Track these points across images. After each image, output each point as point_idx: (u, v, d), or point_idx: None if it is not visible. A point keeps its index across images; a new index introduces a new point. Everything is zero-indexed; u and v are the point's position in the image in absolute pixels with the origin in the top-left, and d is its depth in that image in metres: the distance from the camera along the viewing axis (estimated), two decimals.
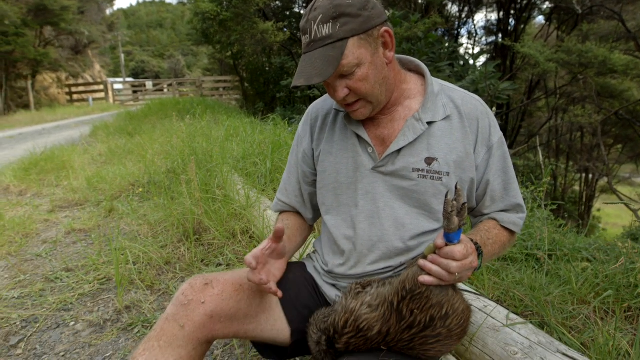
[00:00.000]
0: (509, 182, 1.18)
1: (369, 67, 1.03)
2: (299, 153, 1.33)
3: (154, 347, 0.99)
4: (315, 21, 1.00)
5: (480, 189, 1.19)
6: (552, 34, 13.86)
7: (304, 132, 1.32)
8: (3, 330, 1.95)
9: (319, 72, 0.99)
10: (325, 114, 1.28)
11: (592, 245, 2.57)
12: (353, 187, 1.18)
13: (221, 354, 1.77)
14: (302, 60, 1.05)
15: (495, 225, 1.19)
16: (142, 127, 8.14)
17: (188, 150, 4.32)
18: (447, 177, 1.11)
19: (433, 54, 8.96)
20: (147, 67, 62.04)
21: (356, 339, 0.98)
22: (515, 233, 1.23)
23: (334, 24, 0.99)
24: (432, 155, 1.11)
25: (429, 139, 1.12)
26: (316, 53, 1.01)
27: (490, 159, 1.16)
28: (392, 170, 1.13)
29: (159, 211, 3.12)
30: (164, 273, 2.45)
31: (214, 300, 1.03)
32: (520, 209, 1.21)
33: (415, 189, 1.12)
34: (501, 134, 1.19)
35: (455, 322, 0.95)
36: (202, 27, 12.80)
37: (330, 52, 0.99)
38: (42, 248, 2.88)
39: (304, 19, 1.04)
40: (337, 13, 0.98)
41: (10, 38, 17.31)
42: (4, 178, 4.68)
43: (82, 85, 24.18)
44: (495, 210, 1.20)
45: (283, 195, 1.37)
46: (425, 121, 1.12)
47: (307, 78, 1.00)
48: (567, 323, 1.76)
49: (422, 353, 0.97)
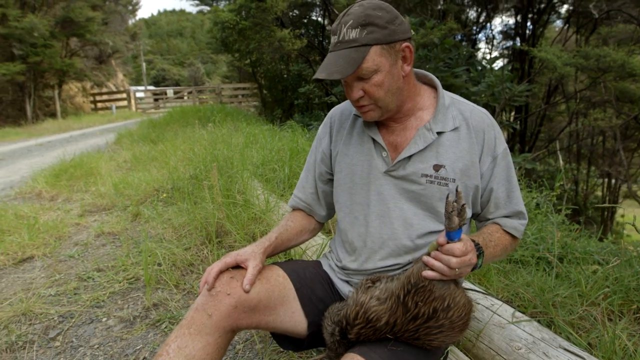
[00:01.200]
0: (511, 190, 1.28)
1: (386, 76, 1.15)
2: (318, 153, 1.44)
3: (184, 334, 1.10)
4: (345, 25, 1.12)
5: (485, 196, 1.28)
6: (570, 38, 13.72)
7: (323, 133, 1.44)
8: (42, 324, 2.10)
9: (340, 69, 1.11)
10: (344, 118, 1.39)
11: (603, 249, 2.61)
12: (366, 188, 1.29)
13: (242, 348, 1.88)
14: (327, 58, 1.16)
15: (497, 229, 1.28)
16: (165, 135, 8.37)
17: (210, 157, 4.48)
18: (453, 183, 1.21)
19: (450, 59, 9.00)
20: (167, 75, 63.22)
21: (366, 329, 1.08)
22: (517, 238, 1.32)
23: (362, 30, 1.11)
24: (440, 163, 1.22)
25: (438, 148, 1.22)
26: (341, 53, 1.12)
27: (495, 168, 1.26)
28: (402, 175, 1.24)
29: (182, 215, 3.27)
30: (188, 274, 2.58)
31: (238, 292, 1.14)
32: (522, 216, 1.31)
33: (423, 193, 1.22)
34: (506, 146, 1.29)
35: (457, 314, 1.05)
36: (222, 36, 13.10)
37: (354, 54, 1.11)
38: (75, 250, 3.06)
39: (337, 22, 1.16)
40: (366, 21, 1.11)
41: (39, 49, 17.95)
42: (36, 184, 4.92)
43: (106, 94, 24.86)
44: (498, 216, 1.30)
45: (300, 192, 1.48)
46: (435, 131, 1.22)
47: (329, 73, 1.12)
48: (575, 323, 1.82)
49: (426, 343, 1.06)
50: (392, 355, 1.05)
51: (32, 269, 2.76)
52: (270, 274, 1.26)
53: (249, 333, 1.97)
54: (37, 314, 2.18)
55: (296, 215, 1.48)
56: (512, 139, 14.05)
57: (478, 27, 16.05)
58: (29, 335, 2.01)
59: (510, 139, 14.03)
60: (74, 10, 19.48)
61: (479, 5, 15.08)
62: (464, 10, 15.02)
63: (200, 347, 1.09)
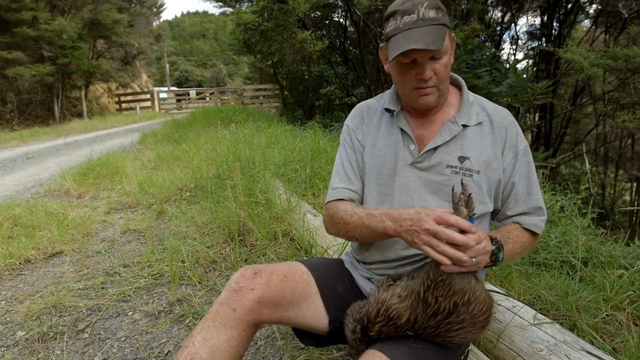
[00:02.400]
0: (531, 187, 1.30)
1: (449, 58, 1.21)
2: (355, 145, 1.42)
3: (209, 327, 1.14)
4: (422, 5, 1.16)
5: (506, 191, 1.30)
6: (597, 38, 13.39)
7: (355, 125, 1.44)
8: (72, 316, 2.18)
9: (433, 41, 1.13)
10: (372, 111, 1.43)
11: (630, 253, 2.55)
12: (392, 179, 1.31)
13: (264, 344, 1.92)
14: (408, 34, 1.15)
15: (516, 227, 1.29)
16: (188, 135, 8.52)
17: (232, 157, 4.55)
18: (477, 175, 1.25)
19: (473, 60, 8.89)
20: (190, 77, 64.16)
21: (387, 327, 1.09)
22: (538, 235, 1.32)
23: (437, 12, 1.17)
24: (465, 155, 1.26)
25: (463, 141, 1.27)
26: (427, 29, 1.15)
27: (517, 164, 1.29)
28: (428, 166, 1.28)
29: (205, 214, 3.33)
30: (211, 271, 2.63)
31: (261, 287, 1.18)
32: (541, 212, 1.31)
33: (448, 184, 1.25)
34: (526, 143, 1.32)
35: (478, 308, 1.05)
36: (244, 37, 13.23)
37: (438, 31, 1.15)
38: (101, 246, 3.15)
39: (407, 3, 1.17)
40: (438, 5, 1.17)
41: (67, 51, 18.47)
42: (64, 182, 5.08)
43: (130, 95, 25.41)
44: (517, 212, 1.31)
45: (348, 183, 1.38)
46: (460, 124, 1.27)
47: (426, 44, 1.12)
48: (599, 327, 1.80)
49: (448, 339, 1.07)
50: (412, 352, 1.06)
51: (62, 264, 2.86)
52: (294, 271, 1.29)
53: (271, 329, 2.01)
54: (66, 306, 2.27)
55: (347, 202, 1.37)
56: (536, 140, 13.79)
57: (502, 28, 15.81)
58: (59, 327, 2.09)
59: (535, 140, 13.77)
60: (101, 13, 19.98)
61: (503, 5, 14.85)
62: (488, 10, 14.81)
63: (225, 339, 1.12)
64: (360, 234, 1.23)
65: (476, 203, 1.24)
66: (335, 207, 1.34)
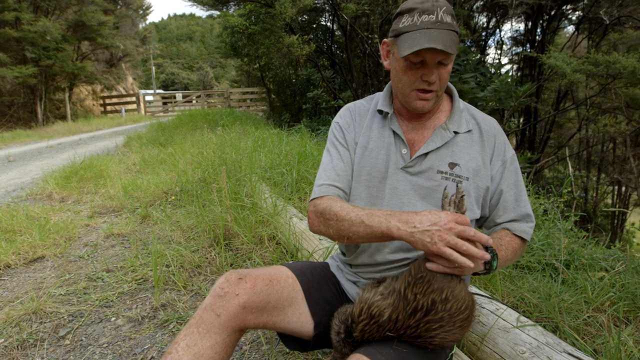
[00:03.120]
0: (519, 194, 1.32)
1: (451, 67, 1.23)
2: (346, 142, 1.39)
3: (193, 333, 1.12)
4: (441, 8, 1.17)
5: (494, 199, 1.32)
6: (580, 44, 13.64)
7: (347, 123, 1.42)
8: (53, 323, 2.14)
9: (451, 45, 1.15)
10: (363, 112, 1.43)
11: (611, 256, 2.60)
12: (382, 182, 1.32)
13: (249, 349, 1.90)
14: (427, 33, 1.15)
15: (507, 233, 1.31)
16: (174, 138, 8.45)
17: (218, 161, 4.52)
18: (466, 181, 1.27)
19: (459, 65, 9.00)
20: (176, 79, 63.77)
21: (370, 325, 1.09)
22: (526, 241, 1.34)
23: (453, 19, 1.19)
24: (455, 161, 1.28)
25: (453, 147, 1.29)
26: (445, 32, 1.16)
27: (505, 172, 1.32)
28: (418, 171, 1.29)
29: (190, 218, 3.30)
30: (196, 275, 2.61)
31: (246, 293, 1.16)
32: (530, 219, 1.33)
33: (438, 189, 1.27)
34: (514, 152, 1.35)
35: (456, 306, 1.06)
36: (231, 41, 13.21)
37: (453, 37, 1.17)
38: (84, 250, 3.10)
39: (427, 3, 1.17)
40: (452, 12, 1.19)
41: (51, 53, 18.20)
42: (47, 185, 4.99)
43: (116, 97, 25.12)
44: (507, 220, 1.32)
45: (336, 181, 1.34)
46: (452, 130, 1.29)
47: (445, 46, 1.14)
48: (581, 329, 1.82)
49: (428, 340, 1.07)
50: (397, 356, 1.06)
51: (43, 269, 2.81)
52: (279, 275, 1.28)
53: (256, 334, 1.99)
54: (47, 312, 2.22)
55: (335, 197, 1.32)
56: (520, 144, 13.98)
57: (488, 33, 16.03)
58: (40, 333, 2.05)
59: (519, 144, 13.96)
60: (86, 14, 19.76)
61: (488, 11, 15.07)
62: (473, 16, 15.01)
63: (209, 345, 1.11)
64: (355, 232, 1.15)
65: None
66: (327, 202, 1.26)
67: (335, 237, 1.24)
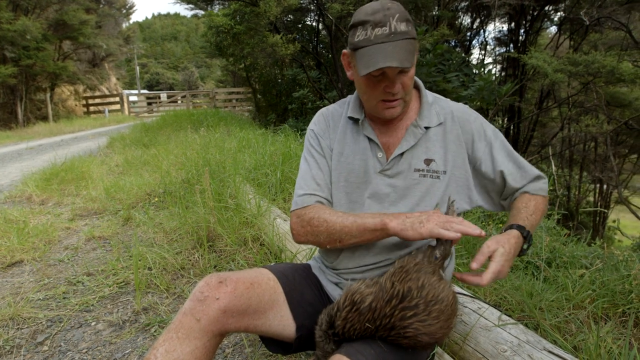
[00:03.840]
0: (518, 162, 1.33)
1: (414, 70, 1.21)
2: (322, 149, 1.38)
3: (172, 338, 1.10)
4: (393, 17, 1.13)
5: (499, 181, 1.32)
6: (562, 44, 13.86)
7: (320, 130, 1.41)
8: (30, 328, 2.09)
9: (406, 58, 1.13)
10: (336, 117, 1.41)
11: (591, 253, 2.64)
12: (362, 187, 1.31)
13: (232, 352, 1.88)
14: (381, 48, 1.13)
15: (529, 197, 1.31)
16: (158, 139, 8.36)
17: (202, 161, 4.48)
18: (444, 175, 1.27)
19: (442, 64, 9.08)
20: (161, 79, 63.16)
21: (352, 313, 1.10)
22: (546, 198, 1.35)
23: (407, 24, 1.15)
24: (430, 157, 1.28)
25: (427, 143, 1.29)
26: (399, 43, 1.13)
27: (493, 150, 1.31)
28: (396, 172, 1.29)
29: (174, 219, 3.26)
30: (179, 278, 2.58)
31: (227, 296, 1.15)
32: (541, 177, 1.34)
33: (417, 187, 1.27)
34: (494, 127, 1.35)
35: (432, 294, 1.06)
36: (216, 40, 13.10)
37: (410, 46, 1.15)
38: (64, 254, 3.04)
39: (378, 14, 1.13)
40: (407, 17, 1.15)
41: (31, 52, 17.84)
42: (26, 188, 4.89)
43: (99, 98, 24.74)
44: (521, 185, 1.33)
45: (317, 190, 1.33)
46: (423, 126, 1.29)
47: (400, 61, 1.11)
48: (562, 327, 1.84)
49: (401, 332, 1.06)
50: (377, 356, 1.05)
51: (21, 273, 2.75)
52: (261, 278, 1.26)
53: (239, 337, 1.97)
54: (25, 318, 2.17)
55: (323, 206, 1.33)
56: None
57: (472, 34, 16.19)
58: (17, 340, 2.00)
59: None
60: (67, 13, 19.41)
61: (473, 12, 15.21)
62: (458, 16, 15.15)
63: (189, 351, 1.09)
64: (347, 233, 1.19)
65: (443, 204, 1.26)
66: (314, 211, 1.27)
67: (325, 243, 1.25)
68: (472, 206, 1.33)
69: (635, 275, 2.12)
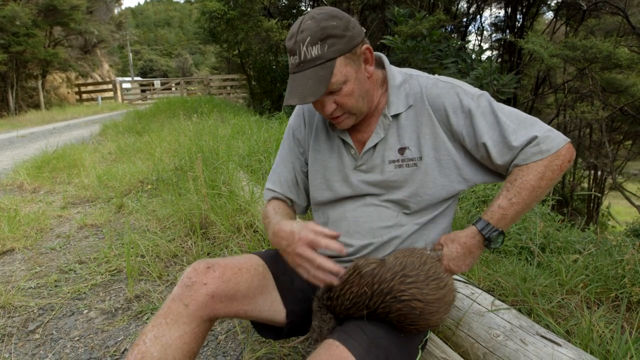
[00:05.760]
0: (504, 130, 1.14)
1: (354, 83, 1.13)
2: (295, 145, 1.40)
3: (161, 324, 1.09)
4: (303, 43, 1.06)
5: (483, 154, 1.18)
6: (558, 29, 13.80)
7: (297, 124, 1.41)
8: (22, 317, 2.07)
9: (311, 91, 1.07)
10: (312, 111, 1.38)
11: (585, 238, 2.64)
12: (338, 185, 1.29)
13: (224, 339, 1.87)
14: (292, 80, 1.11)
15: (516, 172, 1.15)
16: (151, 126, 8.28)
17: (195, 148, 4.44)
18: (420, 161, 1.22)
19: (439, 51, 9.00)
20: (155, 66, 62.53)
21: (353, 276, 1.10)
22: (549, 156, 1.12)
23: (322, 45, 1.06)
24: (403, 145, 1.22)
25: (398, 130, 1.23)
26: (307, 73, 1.08)
27: (474, 120, 1.16)
28: (371, 166, 1.25)
29: (167, 207, 3.24)
30: (172, 265, 2.56)
31: (215, 281, 1.13)
32: (534, 139, 1.12)
33: (395, 179, 1.23)
34: (475, 92, 1.19)
35: (433, 270, 1.10)
36: (210, 26, 12.93)
37: (321, 72, 1.07)
38: (56, 242, 3.01)
39: (291, 41, 1.10)
40: (325, 35, 1.06)
41: (21, 39, 17.56)
42: (18, 176, 4.83)
43: (91, 85, 24.47)
44: (510, 160, 1.16)
45: (277, 186, 1.41)
46: (390, 115, 1.22)
47: (301, 97, 1.07)
48: (555, 312, 1.85)
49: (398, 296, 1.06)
50: (371, 342, 1.05)
51: (12, 262, 2.72)
52: (249, 264, 1.25)
53: (231, 323, 1.96)
54: (16, 306, 2.15)
55: (281, 204, 1.41)
56: None
57: (468, 19, 16.06)
58: (8, 328, 1.98)
59: None
60: None
61: None
62: (454, 1, 15.01)
63: (177, 336, 1.08)
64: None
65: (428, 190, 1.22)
66: (268, 206, 1.38)
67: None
68: (469, 185, 1.25)
69: (628, 260, 2.12)
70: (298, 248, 1.07)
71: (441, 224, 1.29)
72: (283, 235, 1.12)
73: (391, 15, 9.21)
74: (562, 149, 1.13)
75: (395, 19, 8.92)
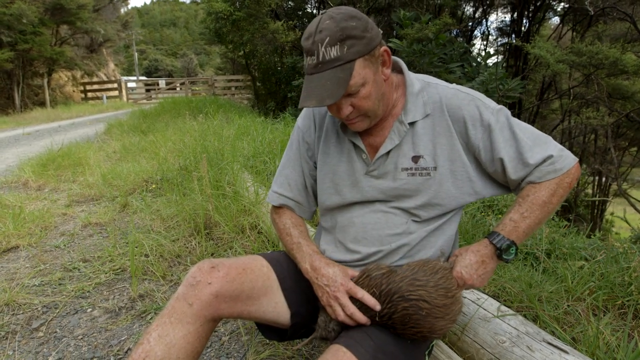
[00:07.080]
0: (520, 147, 1.15)
1: (372, 86, 1.10)
2: (304, 147, 1.36)
3: (165, 323, 1.09)
4: (322, 43, 1.03)
5: (500, 170, 1.18)
6: (565, 35, 13.76)
7: (306, 126, 1.37)
8: (26, 314, 2.07)
9: (330, 93, 1.03)
10: (323, 113, 1.35)
11: (591, 245, 2.62)
12: (348, 190, 1.26)
13: (228, 340, 1.87)
14: (309, 81, 1.08)
15: (529, 189, 1.17)
16: (156, 126, 8.30)
17: (200, 149, 4.44)
18: (434, 171, 1.19)
19: (445, 54, 8.99)
20: (160, 66, 62.73)
21: (362, 279, 1.15)
22: (561, 175, 1.16)
23: (342, 46, 1.03)
24: (418, 154, 1.19)
25: (413, 138, 1.20)
26: (325, 75, 1.05)
27: (492, 135, 1.16)
28: (383, 173, 1.22)
29: (171, 206, 3.24)
30: (176, 265, 2.56)
31: (219, 281, 1.13)
32: (549, 158, 1.15)
33: (407, 187, 1.20)
34: (495, 106, 1.19)
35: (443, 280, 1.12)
36: (215, 27, 12.95)
37: (340, 73, 1.04)
38: (61, 240, 3.02)
39: (309, 41, 1.06)
40: (344, 35, 1.03)
41: (28, 37, 17.66)
42: (23, 173, 4.85)
43: (97, 84, 24.55)
44: (524, 176, 1.17)
45: (285, 189, 1.37)
46: (407, 122, 1.19)
47: (319, 100, 1.04)
48: (561, 318, 1.83)
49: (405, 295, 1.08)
50: (377, 348, 1.04)
51: (17, 259, 2.72)
52: (254, 264, 1.24)
53: (235, 325, 1.96)
54: (20, 304, 2.16)
55: (291, 214, 1.39)
56: None
57: (474, 23, 16.04)
58: (12, 326, 1.98)
59: None
60: None
61: (475, 1, 15.06)
62: (460, 5, 14.99)
63: (181, 335, 1.08)
64: (288, 252, 1.33)
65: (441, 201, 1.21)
66: (278, 216, 1.39)
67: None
68: (478, 198, 1.24)
69: (634, 268, 2.11)
70: (338, 292, 1.14)
71: (448, 231, 1.27)
72: (325, 273, 1.18)
73: (397, 18, 9.22)
74: (572, 167, 1.18)
75: (401, 22, 8.92)
